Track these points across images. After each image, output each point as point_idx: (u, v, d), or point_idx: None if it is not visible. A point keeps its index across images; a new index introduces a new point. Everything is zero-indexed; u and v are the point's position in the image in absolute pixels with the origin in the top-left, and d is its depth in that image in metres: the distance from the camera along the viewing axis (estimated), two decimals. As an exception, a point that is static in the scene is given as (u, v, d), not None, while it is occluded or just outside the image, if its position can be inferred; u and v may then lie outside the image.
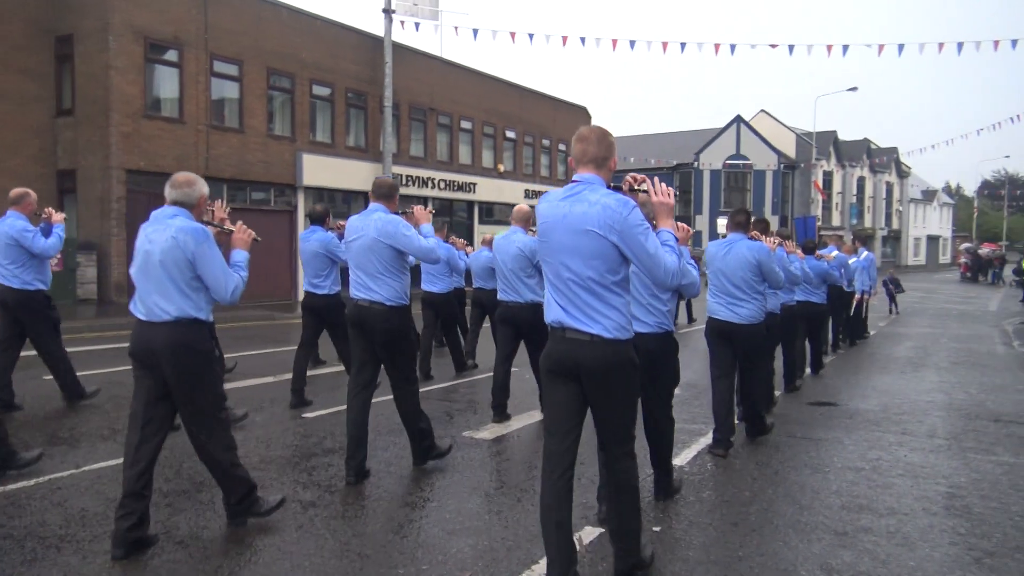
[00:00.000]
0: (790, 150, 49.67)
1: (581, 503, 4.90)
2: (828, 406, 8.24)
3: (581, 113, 35.45)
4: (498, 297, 7.24)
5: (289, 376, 7.90)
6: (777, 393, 8.32)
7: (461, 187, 27.45)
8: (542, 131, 32.35)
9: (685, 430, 6.94)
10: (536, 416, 7.28)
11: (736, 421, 6.50)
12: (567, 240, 3.42)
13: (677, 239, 3.66)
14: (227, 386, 8.41)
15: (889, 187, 63.06)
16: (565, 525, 3.49)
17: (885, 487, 5.42)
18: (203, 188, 4.29)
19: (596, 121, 37.02)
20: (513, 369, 7.19)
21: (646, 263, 3.40)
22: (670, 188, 3.70)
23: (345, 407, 5.41)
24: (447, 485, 5.28)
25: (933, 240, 74.89)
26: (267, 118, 20.69)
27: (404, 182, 24.25)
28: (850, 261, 12.52)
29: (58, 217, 7.03)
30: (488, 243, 10.29)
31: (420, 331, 9.30)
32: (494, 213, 29.85)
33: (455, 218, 27.04)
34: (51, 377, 7.45)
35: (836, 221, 51.99)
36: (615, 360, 3.45)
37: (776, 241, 6.92)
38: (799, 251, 8.53)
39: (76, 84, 17.63)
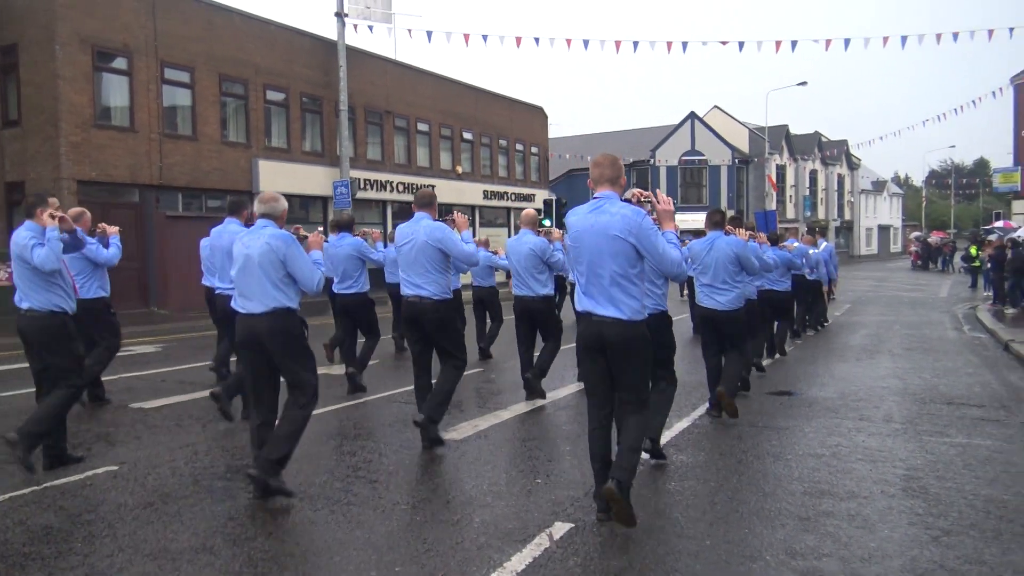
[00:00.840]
0: (743, 145, 50.40)
1: (550, 499, 4.96)
2: (788, 395, 8.40)
3: (538, 113, 35.57)
4: (513, 292, 8.11)
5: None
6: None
7: (419, 189, 27.40)
8: (499, 132, 32.38)
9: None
10: (503, 416, 7.32)
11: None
12: (597, 243, 4.33)
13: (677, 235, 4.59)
14: (187, 397, 8.33)
15: (840, 179, 64.26)
16: (605, 459, 4.50)
17: (845, 472, 5.56)
18: (284, 203, 5.21)
19: (552, 120, 37.39)
20: (475, 371, 7.27)
21: (656, 258, 4.32)
22: (669, 197, 4.65)
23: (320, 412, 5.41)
24: (415, 487, 5.29)
25: (884, 230, 76.45)
26: (221, 125, 20.41)
27: (362, 186, 24.10)
28: (811, 252, 13.13)
29: (112, 230, 7.50)
30: (484, 244, 10.78)
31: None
32: (453, 214, 29.80)
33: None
34: (13, 393, 7.32)
35: (790, 214, 52.81)
36: (631, 335, 4.35)
37: (748, 233, 7.62)
38: (767, 241, 9.36)
39: (22, 94, 17.23)
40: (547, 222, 28.38)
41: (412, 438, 6.55)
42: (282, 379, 5.10)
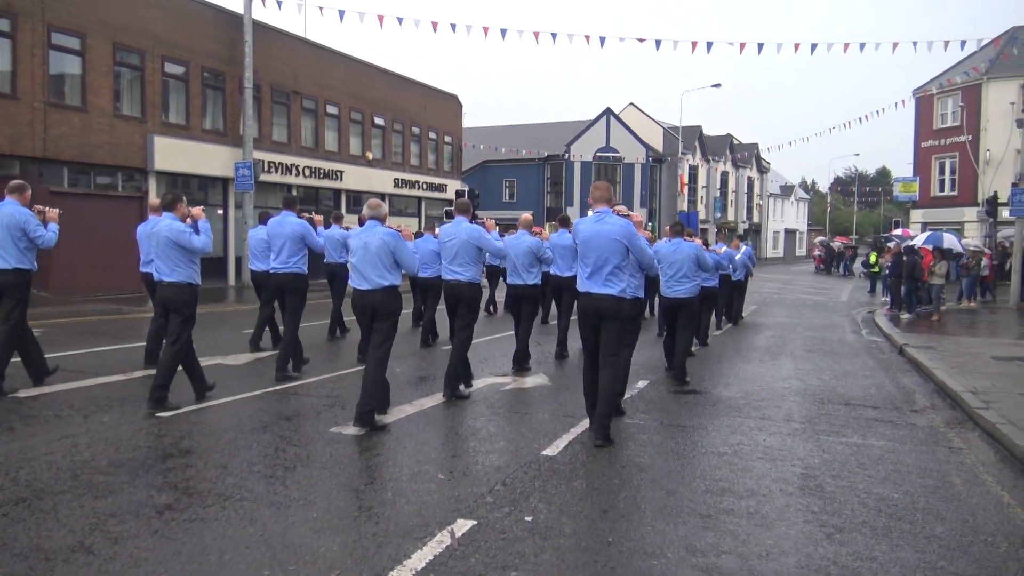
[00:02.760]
0: (658, 144, 51.14)
1: (453, 496, 4.84)
2: (693, 394, 8.52)
3: (452, 101, 35.26)
4: (507, 281, 9.84)
5: (140, 373, 7.45)
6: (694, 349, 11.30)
7: (327, 174, 26.71)
8: (412, 119, 31.92)
9: (557, 420, 7.00)
10: (408, 411, 7.16)
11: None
12: (601, 243, 6.24)
13: (648, 240, 6.83)
14: (69, 386, 7.85)
15: (750, 182, 66.11)
16: (593, 393, 6.40)
17: (745, 470, 5.64)
18: (386, 208, 6.95)
19: (467, 110, 37.28)
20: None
21: (639, 255, 6.38)
22: (639, 213, 6.88)
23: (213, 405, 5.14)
24: (314, 483, 5.08)
25: (790, 233, 79.19)
26: (114, 96, 19.36)
27: (266, 168, 23.35)
28: (736, 257, 15.31)
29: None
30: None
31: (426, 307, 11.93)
32: (362, 202, 29.13)
33: (321, 207, 26.07)
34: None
35: (701, 215, 54.00)
36: (619, 307, 6.28)
37: (700, 242, 10.08)
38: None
39: None
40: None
41: (310, 432, 6.34)
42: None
